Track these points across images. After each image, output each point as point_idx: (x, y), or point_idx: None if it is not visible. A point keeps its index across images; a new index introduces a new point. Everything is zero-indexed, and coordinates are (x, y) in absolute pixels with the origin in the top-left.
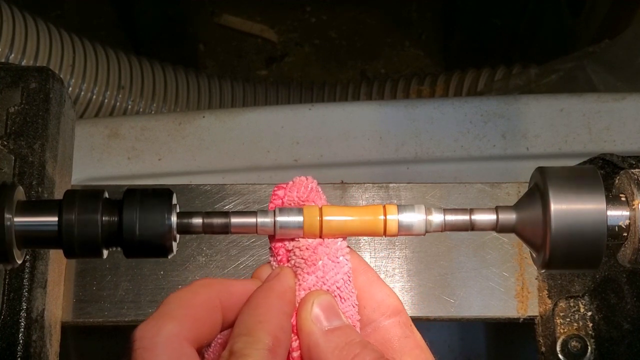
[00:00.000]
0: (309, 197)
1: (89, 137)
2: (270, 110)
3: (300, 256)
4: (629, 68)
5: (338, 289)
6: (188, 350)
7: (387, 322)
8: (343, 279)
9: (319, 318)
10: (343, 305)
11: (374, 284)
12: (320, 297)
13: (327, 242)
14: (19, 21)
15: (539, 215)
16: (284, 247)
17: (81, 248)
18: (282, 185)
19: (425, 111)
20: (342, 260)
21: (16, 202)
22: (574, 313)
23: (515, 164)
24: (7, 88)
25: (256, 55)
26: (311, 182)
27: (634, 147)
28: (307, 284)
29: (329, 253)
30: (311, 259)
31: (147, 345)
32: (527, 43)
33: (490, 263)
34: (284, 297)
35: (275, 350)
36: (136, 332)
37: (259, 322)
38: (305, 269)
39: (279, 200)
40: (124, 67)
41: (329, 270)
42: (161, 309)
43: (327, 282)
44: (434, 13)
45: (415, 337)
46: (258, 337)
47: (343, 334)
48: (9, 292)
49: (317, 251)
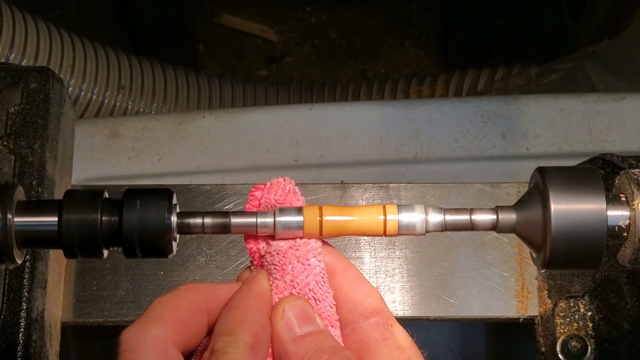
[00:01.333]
0: (286, 199)
1: (89, 137)
2: (270, 110)
3: (271, 262)
4: (629, 68)
5: (311, 290)
6: (174, 353)
7: (365, 324)
8: (316, 281)
9: (290, 324)
10: (318, 306)
11: (351, 284)
12: (292, 302)
13: (297, 244)
14: (19, 21)
15: (539, 215)
16: (258, 252)
17: (81, 248)
18: (259, 186)
19: (425, 111)
20: (314, 261)
21: (16, 202)
22: (574, 313)
23: (515, 164)
24: (7, 88)
25: (256, 55)
26: (289, 183)
27: (634, 147)
28: (278, 289)
29: (299, 256)
30: (280, 264)
31: (133, 347)
32: (527, 43)
33: (490, 263)
34: (262, 298)
35: (256, 347)
36: (122, 335)
37: (239, 321)
38: (275, 273)
39: (255, 202)
40: (124, 67)
41: (299, 274)
42: (147, 313)
43: (298, 285)
44: (434, 13)
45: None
46: (238, 335)
47: (313, 340)
48: (9, 292)
49: (287, 255)
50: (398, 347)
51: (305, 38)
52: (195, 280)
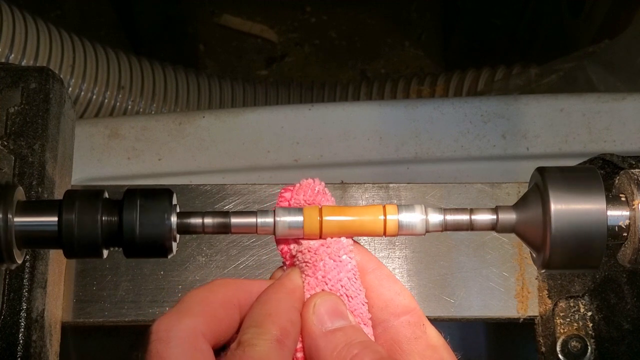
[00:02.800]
0: (316, 199)
1: (89, 137)
2: (270, 110)
3: (303, 259)
4: (629, 68)
5: (343, 287)
6: (203, 346)
7: (397, 322)
8: (348, 277)
9: (321, 319)
10: (351, 303)
11: (382, 282)
12: (323, 297)
13: (329, 241)
14: (19, 21)
15: (539, 215)
16: (290, 252)
17: (81, 248)
18: (289, 188)
19: (425, 111)
20: (345, 258)
21: (16, 202)
22: (574, 313)
23: (515, 164)
24: (7, 88)
25: (256, 55)
26: (318, 184)
27: (634, 147)
28: (310, 286)
29: (330, 253)
30: (312, 261)
31: (163, 338)
32: (527, 43)
33: (490, 263)
34: (293, 294)
35: (283, 341)
36: (153, 326)
37: (268, 314)
38: (307, 270)
39: (285, 203)
40: (124, 67)
41: (331, 270)
42: (179, 305)
43: (330, 281)
44: (434, 13)
45: (427, 337)
46: (266, 328)
47: (344, 335)
48: (9, 292)
49: (319, 252)
50: (430, 346)
51: (305, 38)
52: (196, 281)
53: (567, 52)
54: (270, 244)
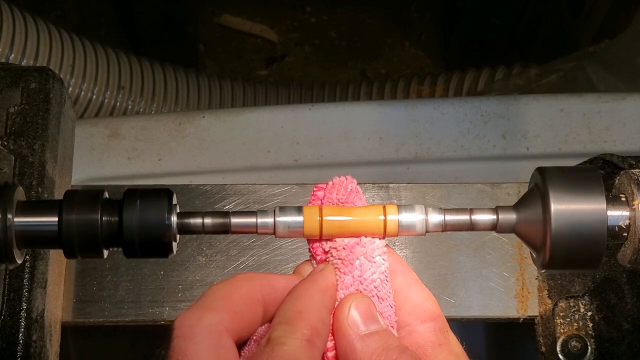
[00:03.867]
0: (349, 198)
1: (89, 137)
2: (270, 110)
3: (337, 256)
4: (629, 68)
5: (375, 288)
6: (227, 342)
7: (422, 327)
8: (380, 279)
9: (355, 322)
10: (381, 305)
11: (411, 287)
12: (357, 299)
13: (364, 241)
14: (19, 21)
15: (539, 215)
16: (322, 247)
17: (81, 248)
18: (321, 186)
19: (425, 111)
20: (379, 259)
21: (16, 202)
22: (574, 313)
23: (515, 164)
24: (7, 88)
25: (256, 55)
26: (351, 182)
27: (634, 147)
28: (344, 284)
29: (365, 252)
30: (348, 259)
31: (186, 334)
32: (527, 43)
33: (490, 263)
34: (326, 292)
35: (313, 341)
36: (176, 321)
37: (299, 312)
38: (342, 268)
39: (317, 201)
40: (124, 67)
41: (366, 270)
42: (202, 300)
43: (365, 281)
44: (433, 13)
45: (450, 344)
46: (297, 326)
47: (380, 339)
48: (9, 292)
49: (354, 250)
50: (453, 354)
51: (305, 38)
52: (196, 281)
53: (567, 52)
54: (271, 243)
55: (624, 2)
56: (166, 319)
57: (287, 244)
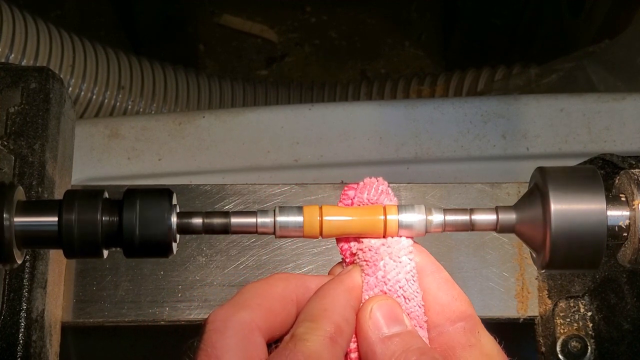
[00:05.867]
0: (379, 199)
1: (89, 137)
2: (270, 110)
3: (363, 258)
4: (629, 68)
5: (401, 288)
6: (257, 339)
7: (452, 328)
8: (406, 279)
9: (378, 324)
10: (408, 305)
11: (441, 286)
12: (380, 301)
13: (389, 241)
14: (19, 21)
15: (539, 215)
16: (350, 249)
17: (81, 248)
18: (352, 186)
19: (425, 111)
20: (405, 259)
21: (16, 202)
22: (574, 313)
23: (515, 164)
24: (7, 88)
25: (256, 55)
26: (382, 183)
27: (634, 147)
28: (368, 285)
29: (390, 253)
30: (373, 260)
31: (219, 328)
32: (527, 43)
33: (490, 263)
34: (352, 292)
35: (336, 339)
36: (210, 315)
37: (323, 309)
38: (367, 269)
39: (348, 201)
40: (124, 67)
41: (390, 270)
42: (237, 297)
43: (389, 282)
44: (434, 13)
45: (481, 345)
46: (320, 324)
47: (401, 341)
48: (9, 292)
49: (379, 251)
50: (484, 354)
51: (305, 38)
52: (196, 281)
53: (567, 52)
54: (271, 243)
55: (624, 2)
56: (166, 319)
57: (287, 244)
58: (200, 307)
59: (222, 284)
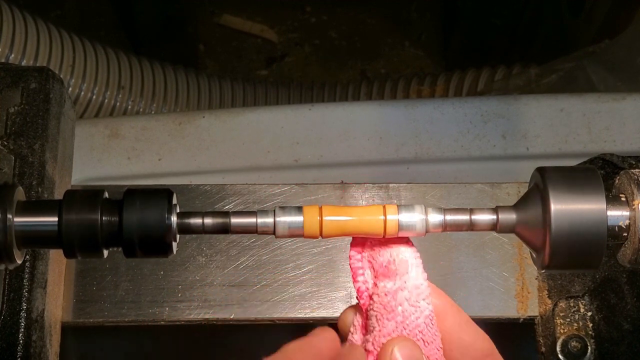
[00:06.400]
0: None
1: (89, 137)
2: (270, 110)
3: (380, 302)
4: (629, 68)
5: (420, 332)
6: None
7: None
8: (425, 323)
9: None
10: (427, 348)
11: (462, 327)
12: (401, 343)
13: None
14: (19, 21)
15: (539, 215)
16: (367, 291)
17: (81, 248)
18: None
19: (425, 111)
20: (423, 304)
21: (16, 202)
22: (574, 313)
23: (515, 164)
24: (7, 88)
25: (256, 55)
26: None
27: (634, 147)
28: (386, 330)
29: (409, 298)
30: (390, 305)
31: None
32: (527, 43)
33: (490, 263)
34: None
35: None
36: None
37: None
38: (385, 314)
39: None
40: (124, 67)
41: (409, 315)
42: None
43: (408, 326)
44: (434, 13)
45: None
46: None
47: None
48: (9, 292)
49: (396, 297)
50: None
51: (305, 38)
52: (195, 281)
53: (567, 52)
54: (271, 243)
55: (624, 2)
56: (166, 319)
57: (287, 244)
58: (200, 307)
59: (222, 284)
